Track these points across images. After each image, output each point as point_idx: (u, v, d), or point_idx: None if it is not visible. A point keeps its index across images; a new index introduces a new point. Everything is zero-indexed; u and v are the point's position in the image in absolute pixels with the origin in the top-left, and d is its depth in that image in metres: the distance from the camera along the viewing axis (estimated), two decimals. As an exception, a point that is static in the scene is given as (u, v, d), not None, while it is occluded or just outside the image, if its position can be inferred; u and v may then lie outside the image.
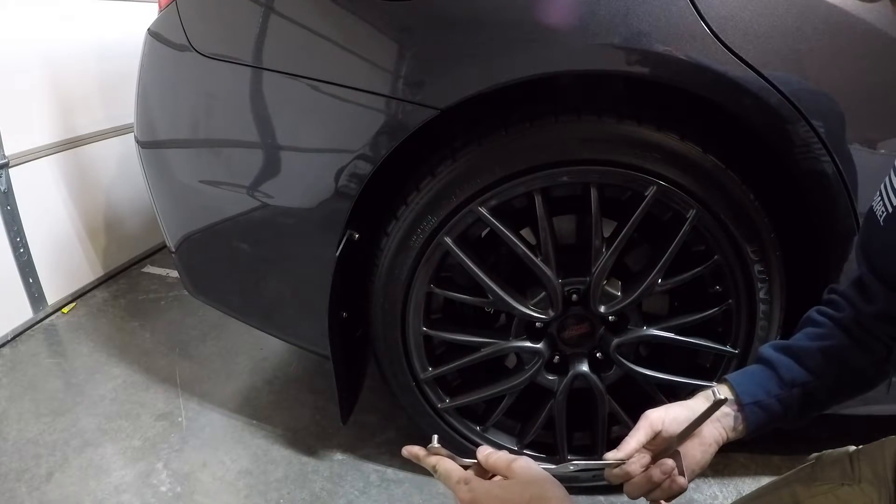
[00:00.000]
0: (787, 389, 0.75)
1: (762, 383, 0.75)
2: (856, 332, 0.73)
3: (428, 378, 1.20)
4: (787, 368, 0.75)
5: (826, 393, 0.75)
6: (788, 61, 0.90)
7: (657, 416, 0.73)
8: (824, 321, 0.77)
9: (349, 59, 1.00)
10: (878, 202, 0.69)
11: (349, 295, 1.19)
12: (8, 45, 1.83)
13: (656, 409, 0.74)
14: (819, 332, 0.76)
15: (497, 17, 0.93)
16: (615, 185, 1.05)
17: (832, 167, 0.94)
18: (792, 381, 0.74)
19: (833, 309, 0.77)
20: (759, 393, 0.75)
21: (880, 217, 0.68)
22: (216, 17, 1.14)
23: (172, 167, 1.26)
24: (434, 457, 0.73)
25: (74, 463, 1.41)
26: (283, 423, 1.53)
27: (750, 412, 0.75)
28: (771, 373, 0.76)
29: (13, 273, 1.92)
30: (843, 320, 0.75)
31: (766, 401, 0.75)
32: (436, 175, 1.04)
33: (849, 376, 0.75)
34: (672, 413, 0.74)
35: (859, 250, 0.73)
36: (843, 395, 0.77)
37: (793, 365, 0.75)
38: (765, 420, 0.75)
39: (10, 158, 1.85)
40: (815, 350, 0.75)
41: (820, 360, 0.74)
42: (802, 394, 0.74)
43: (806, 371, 0.75)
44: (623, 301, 1.11)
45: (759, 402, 0.75)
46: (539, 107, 1.02)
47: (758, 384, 0.75)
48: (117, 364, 1.79)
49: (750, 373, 0.78)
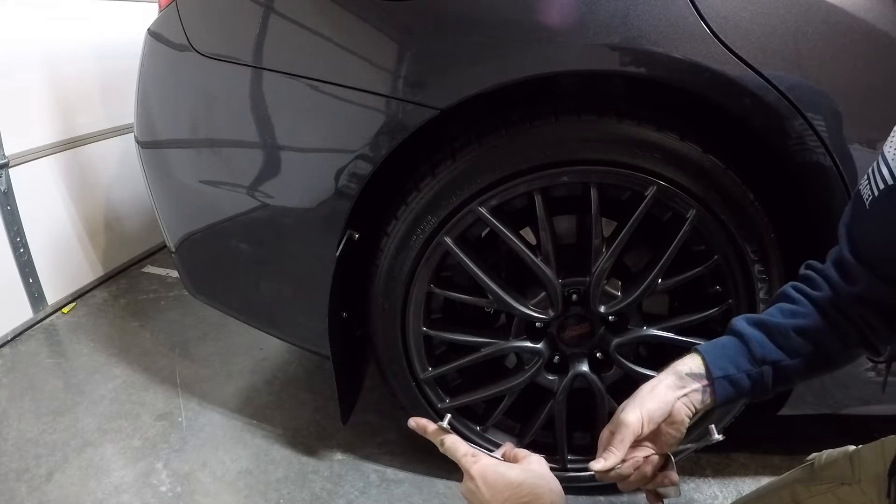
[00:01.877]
0: (758, 366, 0.74)
1: (732, 358, 0.75)
2: (831, 315, 0.72)
3: (428, 378, 1.20)
4: (759, 344, 0.74)
5: (795, 372, 0.74)
6: (788, 61, 0.90)
7: (635, 421, 0.73)
8: (800, 298, 0.75)
9: (349, 59, 1.00)
10: (864, 186, 0.68)
11: (349, 295, 1.19)
12: (8, 44, 1.83)
13: (630, 409, 0.74)
14: (794, 308, 0.75)
15: (497, 17, 0.93)
16: (615, 185, 1.05)
17: (832, 167, 0.94)
18: (763, 359, 0.74)
19: (809, 287, 0.76)
20: (730, 368, 0.74)
21: (866, 200, 0.67)
22: (216, 17, 1.14)
23: (172, 167, 1.26)
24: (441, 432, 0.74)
25: (74, 463, 1.41)
26: (283, 423, 1.53)
27: (719, 386, 0.74)
28: (742, 347, 0.75)
29: (13, 273, 1.92)
30: (820, 300, 0.74)
31: (736, 376, 0.74)
32: (436, 175, 1.04)
33: (820, 358, 0.74)
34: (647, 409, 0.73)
35: (843, 231, 0.72)
36: (811, 374, 0.76)
37: (765, 341, 0.74)
38: (733, 394, 0.74)
39: (10, 158, 1.85)
40: (788, 328, 0.73)
41: (793, 339, 0.73)
42: (772, 371, 0.74)
43: (778, 349, 0.74)
44: (623, 301, 1.11)
45: (729, 376, 0.74)
46: (539, 107, 1.02)
47: (728, 359, 0.75)
48: (117, 364, 1.79)
49: (721, 345, 0.77)
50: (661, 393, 0.74)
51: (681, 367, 0.75)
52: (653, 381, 0.76)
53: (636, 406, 0.73)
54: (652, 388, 0.75)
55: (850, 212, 0.72)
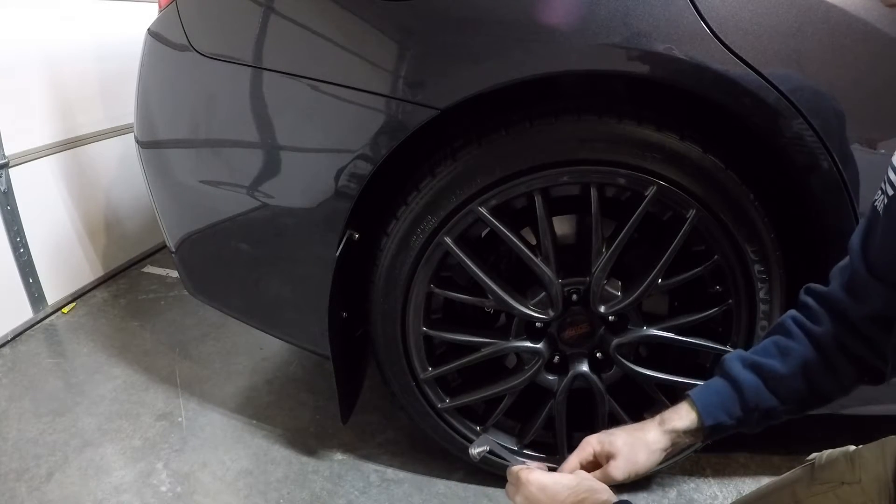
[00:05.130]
0: (749, 413, 0.75)
1: (724, 405, 0.76)
2: (830, 353, 0.72)
3: (428, 378, 1.20)
4: (752, 391, 0.75)
5: (787, 412, 0.76)
6: (788, 61, 0.90)
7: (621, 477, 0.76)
8: (798, 333, 0.75)
9: (349, 59, 1.00)
10: (879, 198, 0.68)
11: (349, 295, 1.19)
12: (8, 45, 1.83)
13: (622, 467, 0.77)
14: (790, 346, 0.75)
15: (497, 17, 0.93)
16: (615, 185, 1.05)
17: (832, 166, 0.94)
18: (756, 405, 0.75)
19: (809, 320, 0.75)
20: (721, 415, 0.76)
21: (880, 209, 0.67)
22: (216, 17, 1.14)
23: (172, 167, 1.26)
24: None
25: (74, 463, 1.41)
26: (283, 423, 1.53)
27: (708, 433, 0.76)
28: (735, 394, 0.76)
29: (13, 273, 1.92)
30: (819, 337, 0.74)
31: (727, 423, 0.76)
32: (436, 175, 1.04)
33: (812, 398, 0.75)
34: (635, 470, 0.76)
35: (857, 247, 0.72)
36: (802, 413, 0.78)
37: (760, 387, 0.75)
38: (719, 436, 0.77)
39: (10, 158, 1.85)
40: (783, 374, 0.74)
41: (787, 384, 0.74)
42: (762, 414, 0.76)
43: (772, 395, 0.75)
44: (623, 301, 1.11)
45: (719, 424, 0.76)
46: (539, 107, 1.02)
47: (720, 406, 0.76)
48: (117, 364, 1.79)
49: (714, 391, 0.78)
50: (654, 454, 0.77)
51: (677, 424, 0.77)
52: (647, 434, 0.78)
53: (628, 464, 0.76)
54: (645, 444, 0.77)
55: (864, 226, 0.72)
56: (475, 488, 1.32)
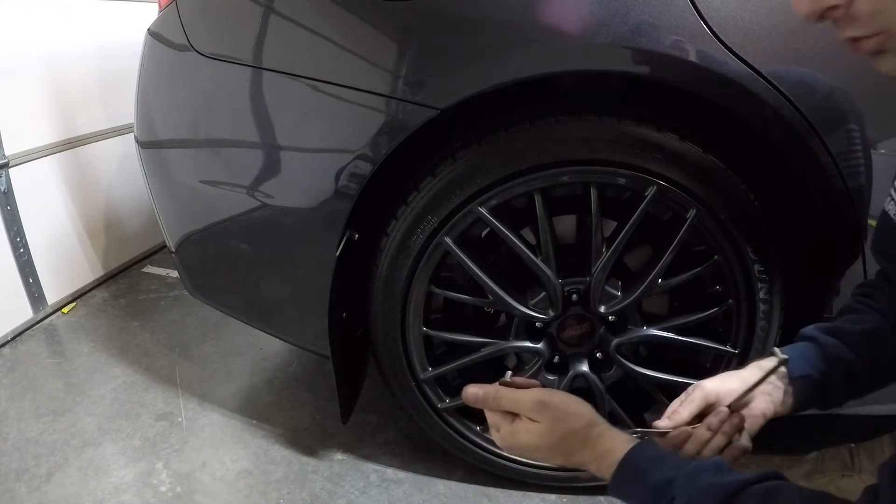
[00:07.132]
0: (833, 366, 0.75)
1: (810, 359, 0.76)
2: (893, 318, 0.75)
3: (428, 378, 1.20)
4: (832, 346, 0.76)
5: (868, 375, 0.76)
6: (788, 61, 0.90)
7: (712, 388, 0.74)
8: (863, 308, 0.79)
9: (349, 59, 1.00)
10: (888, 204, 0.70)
11: (349, 295, 1.19)
12: (8, 45, 1.83)
13: (711, 379, 0.75)
14: (859, 316, 0.78)
15: (497, 17, 0.93)
16: (615, 185, 1.05)
17: (832, 166, 0.94)
18: (837, 359, 0.75)
19: (870, 298, 0.80)
20: (808, 368, 0.75)
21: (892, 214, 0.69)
22: (216, 17, 1.14)
23: (172, 167, 1.26)
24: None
25: (74, 463, 1.41)
26: (283, 423, 1.53)
27: (800, 386, 0.75)
28: (817, 349, 0.76)
29: (13, 273, 1.92)
30: (882, 307, 0.77)
31: (815, 376, 0.75)
32: (436, 175, 1.04)
33: (888, 361, 0.76)
34: (727, 385, 0.74)
35: (875, 250, 0.75)
36: (882, 378, 0.78)
37: (837, 343, 0.76)
38: (811, 396, 0.76)
39: (10, 158, 1.85)
40: (857, 332, 0.76)
41: (862, 341, 0.75)
42: (846, 373, 0.75)
43: (849, 350, 0.75)
44: (623, 301, 1.11)
45: (808, 376, 0.75)
46: (539, 107, 1.02)
47: (806, 360, 0.76)
48: (117, 364, 1.79)
49: (797, 348, 0.78)
50: (744, 374, 0.76)
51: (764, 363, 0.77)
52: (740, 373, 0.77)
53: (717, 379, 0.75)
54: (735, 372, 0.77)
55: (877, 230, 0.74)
56: (475, 488, 1.32)
